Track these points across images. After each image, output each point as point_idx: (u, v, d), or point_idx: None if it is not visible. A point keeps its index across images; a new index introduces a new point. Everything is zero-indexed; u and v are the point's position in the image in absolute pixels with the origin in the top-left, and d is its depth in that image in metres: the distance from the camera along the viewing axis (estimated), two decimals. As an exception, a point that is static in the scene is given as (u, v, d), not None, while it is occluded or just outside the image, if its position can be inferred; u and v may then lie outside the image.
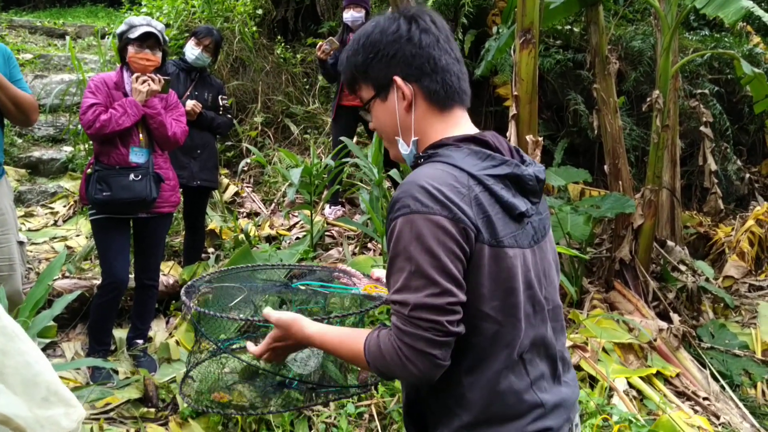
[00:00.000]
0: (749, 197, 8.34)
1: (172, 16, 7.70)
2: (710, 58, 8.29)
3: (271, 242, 5.50)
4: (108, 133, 3.70)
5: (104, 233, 3.86)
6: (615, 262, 5.30)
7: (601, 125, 5.56)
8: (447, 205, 1.36)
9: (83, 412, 1.66)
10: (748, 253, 6.42)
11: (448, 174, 1.41)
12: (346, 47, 1.64)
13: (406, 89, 1.52)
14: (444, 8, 7.79)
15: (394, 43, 1.52)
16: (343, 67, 1.63)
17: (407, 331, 1.35)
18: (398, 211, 1.39)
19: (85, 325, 4.22)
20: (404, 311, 1.36)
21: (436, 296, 1.34)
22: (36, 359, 1.61)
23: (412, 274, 1.35)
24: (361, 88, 1.61)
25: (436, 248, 1.34)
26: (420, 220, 1.35)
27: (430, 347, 1.35)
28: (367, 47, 1.55)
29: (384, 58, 1.53)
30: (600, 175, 7.25)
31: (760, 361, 4.88)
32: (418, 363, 1.35)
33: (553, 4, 5.39)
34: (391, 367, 1.39)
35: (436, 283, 1.34)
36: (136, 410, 3.53)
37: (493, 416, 1.47)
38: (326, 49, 5.69)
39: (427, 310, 1.34)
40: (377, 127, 1.64)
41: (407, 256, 1.36)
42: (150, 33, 3.80)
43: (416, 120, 1.55)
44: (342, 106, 5.97)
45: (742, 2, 4.50)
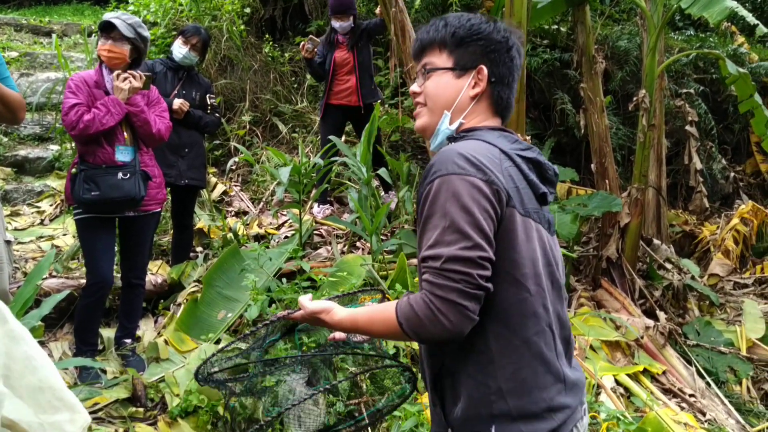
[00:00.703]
0: (734, 196, 8.43)
1: (160, 15, 7.66)
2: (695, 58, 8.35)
3: (260, 241, 5.49)
4: (92, 134, 3.66)
5: (89, 233, 3.83)
6: (602, 260, 5.33)
7: (588, 124, 5.59)
8: (482, 169, 1.47)
9: (88, 418, 1.65)
10: (732, 251, 6.49)
11: (483, 146, 1.55)
12: (447, 16, 1.72)
13: (485, 83, 1.66)
14: (432, 7, 7.81)
15: (499, 43, 1.66)
16: (431, 29, 1.71)
17: (439, 284, 1.41)
18: (435, 174, 1.48)
19: (73, 326, 4.19)
20: (437, 264, 1.42)
21: (469, 249, 1.41)
22: (42, 363, 1.61)
23: (446, 229, 1.43)
24: (439, 55, 1.69)
25: (470, 205, 1.43)
26: (456, 180, 1.45)
27: (462, 298, 1.40)
28: (474, 28, 1.66)
29: (483, 45, 1.65)
30: (587, 174, 7.30)
31: (745, 358, 4.93)
32: (450, 315, 1.40)
33: (541, 4, 5.42)
34: (424, 323, 1.42)
35: (469, 237, 1.42)
36: (125, 410, 3.53)
37: (520, 385, 1.51)
38: (309, 48, 5.70)
39: (460, 262, 1.41)
40: (431, 93, 1.70)
41: (443, 212, 1.44)
42: (110, 23, 3.71)
43: (472, 110, 1.67)
44: (330, 104, 5.97)
45: (727, 2, 4.54)
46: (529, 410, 1.51)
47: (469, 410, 1.54)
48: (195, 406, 3.45)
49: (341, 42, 5.85)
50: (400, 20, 5.11)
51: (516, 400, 1.50)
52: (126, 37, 3.76)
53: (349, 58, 5.85)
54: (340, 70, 5.88)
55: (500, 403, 1.51)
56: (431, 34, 1.70)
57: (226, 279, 4.54)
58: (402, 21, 5.12)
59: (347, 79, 5.89)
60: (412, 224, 5.56)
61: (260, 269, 4.44)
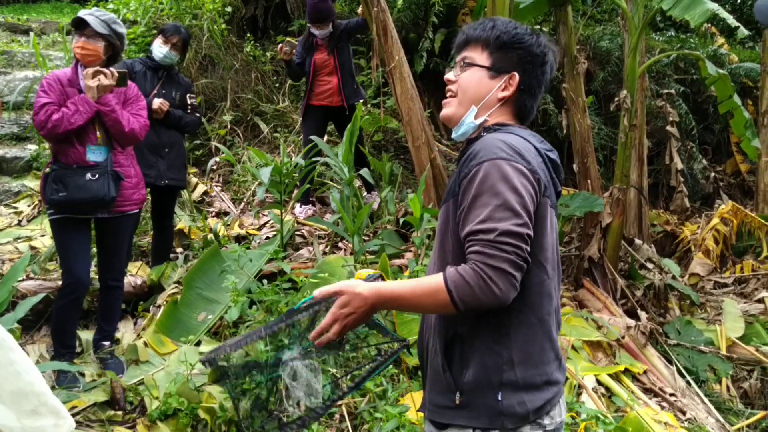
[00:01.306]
0: (714, 196, 8.50)
1: (140, 13, 7.58)
2: (676, 59, 8.42)
3: (241, 242, 5.45)
4: (61, 133, 3.60)
5: (63, 233, 3.78)
6: (584, 260, 5.35)
7: (570, 124, 5.61)
8: (526, 158, 1.63)
9: (73, 424, 1.62)
10: (713, 250, 6.53)
11: (520, 140, 1.69)
12: (498, 19, 1.83)
13: (514, 89, 1.79)
14: (414, 7, 7.81)
15: (536, 56, 1.80)
16: (479, 27, 1.82)
17: (492, 254, 1.53)
18: (483, 157, 1.61)
19: (50, 328, 4.14)
20: (490, 236, 1.54)
21: (520, 226, 1.55)
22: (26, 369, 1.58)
23: (497, 207, 1.56)
24: (480, 53, 1.81)
25: (520, 187, 1.58)
26: (505, 165, 1.59)
27: (513, 268, 1.54)
28: (517, 37, 1.79)
29: (521, 55, 1.79)
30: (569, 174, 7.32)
31: (724, 357, 4.97)
32: (500, 283, 1.52)
33: (523, 4, 5.43)
34: (474, 291, 1.52)
35: (520, 215, 1.56)
36: (103, 413, 3.48)
37: (528, 357, 1.67)
38: (287, 51, 5.68)
39: (512, 236, 1.54)
40: (465, 86, 1.82)
41: (494, 192, 1.57)
42: (82, 20, 3.67)
43: (496, 110, 1.81)
44: (311, 105, 5.94)
45: (708, 4, 4.57)
46: (533, 382, 1.66)
47: (480, 376, 1.66)
48: (175, 408, 3.41)
49: (320, 44, 5.82)
50: (382, 20, 5.09)
51: (524, 371, 1.65)
52: (99, 33, 3.71)
53: (330, 60, 5.83)
54: (321, 71, 5.86)
55: (510, 373, 1.65)
56: (478, 32, 1.82)
57: (207, 280, 4.50)
58: (384, 21, 5.10)
59: (328, 80, 5.86)
60: (395, 224, 5.54)
61: (241, 270, 4.40)
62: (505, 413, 1.63)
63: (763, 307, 5.68)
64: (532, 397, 1.65)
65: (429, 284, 1.59)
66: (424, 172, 5.12)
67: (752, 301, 5.85)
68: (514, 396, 1.64)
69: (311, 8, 5.68)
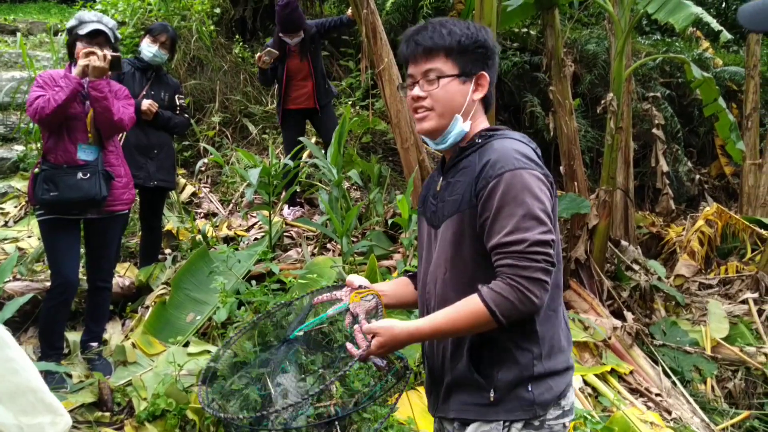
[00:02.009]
0: (699, 198, 8.57)
1: (128, 14, 7.56)
2: (662, 62, 8.49)
3: (229, 243, 5.45)
4: (49, 114, 3.55)
5: (52, 234, 3.77)
6: (571, 261, 5.38)
7: (557, 127, 5.65)
8: (539, 164, 1.72)
9: (69, 421, 1.63)
10: (698, 252, 6.59)
11: (526, 145, 1.78)
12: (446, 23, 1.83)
13: (486, 87, 1.85)
14: (402, 9, 7.83)
15: (494, 55, 1.87)
16: (436, 36, 1.81)
17: (525, 266, 1.60)
18: (502, 168, 1.67)
19: (38, 329, 4.12)
20: (520, 247, 1.61)
21: (546, 233, 1.63)
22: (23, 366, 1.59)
23: (523, 217, 1.62)
24: (445, 62, 1.81)
25: (540, 195, 1.66)
26: (525, 174, 1.66)
27: (545, 275, 1.62)
28: (476, 37, 1.81)
29: (483, 54, 1.83)
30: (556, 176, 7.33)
31: (709, 357, 5.02)
32: (537, 291, 1.61)
33: (511, 7, 5.46)
34: (516, 305, 1.60)
35: (544, 223, 1.64)
36: (91, 414, 3.48)
37: (552, 348, 1.76)
38: (267, 60, 5.63)
39: (541, 244, 1.62)
40: (440, 99, 1.81)
41: (519, 202, 1.63)
42: (99, 30, 3.71)
43: (475, 109, 1.85)
44: (288, 109, 5.95)
45: (692, 8, 4.62)
46: (556, 369, 1.77)
47: (513, 374, 1.72)
48: (163, 409, 3.41)
49: (293, 51, 5.81)
50: (371, 22, 5.11)
51: (550, 362, 1.75)
52: (110, 42, 3.77)
53: (304, 65, 5.82)
54: (295, 76, 5.85)
55: (539, 366, 1.73)
56: (436, 41, 1.80)
57: (195, 281, 4.49)
58: (373, 23, 5.12)
59: (303, 84, 5.87)
60: (383, 226, 5.56)
61: (229, 271, 4.40)
62: (537, 402, 1.72)
63: (747, 308, 5.74)
64: (556, 382, 1.75)
65: (467, 310, 1.65)
66: (412, 173, 5.14)
67: (736, 302, 5.91)
68: (543, 385, 1.73)
69: (282, 19, 5.62)
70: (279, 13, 5.65)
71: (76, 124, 3.70)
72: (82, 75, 3.63)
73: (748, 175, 7.82)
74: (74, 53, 3.77)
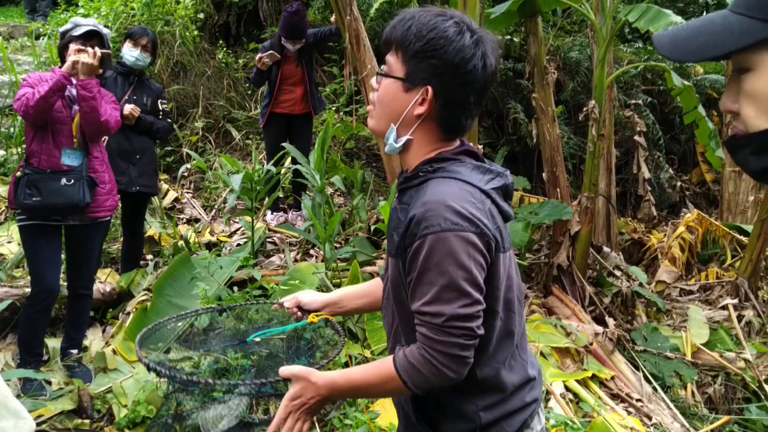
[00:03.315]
0: (680, 204, 8.65)
1: (111, 19, 7.53)
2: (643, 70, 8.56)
3: (212, 249, 5.43)
4: (33, 106, 3.51)
5: (33, 240, 3.73)
6: (553, 267, 5.41)
7: (540, 134, 5.68)
8: (473, 222, 1.47)
9: (33, 425, 1.61)
10: (679, 258, 6.65)
11: (466, 191, 1.51)
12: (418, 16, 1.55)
13: (429, 105, 1.55)
14: (387, 16, 7.84)
15: (454, 66, 1.52)
16: (399, 24, 1.57)
17: (441, 340, 1.47)
18: (427, 228, 1.46)
19: (16, 335, 4.08)
20: (438, 321, 1.46)
21: (468, 306, 1.47)
22: None
23: (444, 287, 1.46)
24: (396, 59, 1.58)
25: (467, 262, 1.46)
26: (451, 237, 1.45)
27: (463, 350, 1.47)
28: (432, 44, 1.51)
29: (435, 65, 1.52)
30: (538, 183, 7.41)
31: (689, 363, 5.05)
32: (453, 366, 1.47)
33: (494, 15, 5.49)
34: (427, 377, 1.49)
35: (468, 295, 1.46)
36: (70, 422, 3.45)
37: (501, 396, 1.63)
38: (266, 62, 5.66)
39: (461, 319, 1.46)
40: (381, 99, 1.63)
41: (440, 270, 1.45)
42: (95, 32, 3.73)
43: (419, 127, 1.59)
44: (274, 113, 5.97)
45: (672, 17, 4.67)
46: (509, 411, 1.64)
47: (459, 423, 1.62)
48: (143, 416, 3.39)
49: (289, 56, 5.84)
50: (355, 29, 5.13)
51: (500, 409, 1.62)
52: (103, 47, 3.78)
53: (298, 71, 5.88)
54: (287, 81, 5.91)
55: (486, 415, 1.61)
56: (395, 32, 1.57)
57: (177, 287, 4.47)
58: (357, 29, 5.13)
59: (293, 89, 5.93)
60: (366, 232, 5.56)
61: (211, 278, 4.38)
62: None
63: (727, 314, 5.79)
64: (510, 422, 1.64)
65: (382, 373, 1.55)
66: (396, 179, 5.14)
67: (716, 308, 5.96)
68: (494, 429, 1.62)
69: (289, 25, 5.65)
70: (287, 19, 5.68)
71: (61, 128, 3.68)
72: (70, 71, 3.60)
73: (728, 182, 7.91)
74: (65, 56, 3.74)
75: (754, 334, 5.71)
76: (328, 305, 2.01)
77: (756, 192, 7.74)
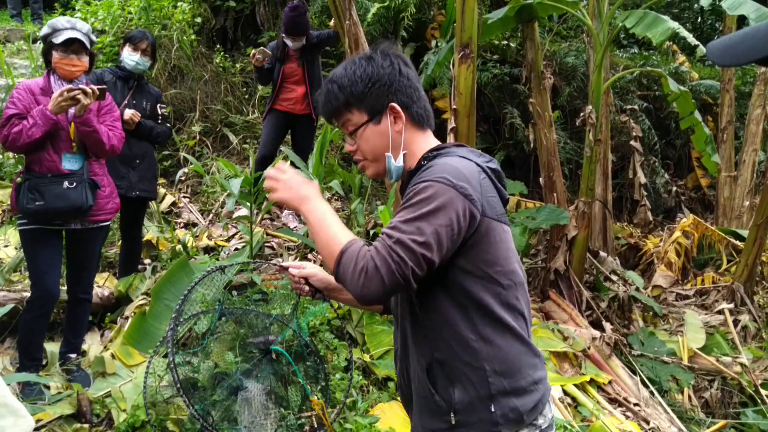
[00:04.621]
0: (676, 209, 8.69)
1: (108, 23, 7.52)
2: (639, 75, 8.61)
3: (209, 253, 5.42)
4: (21, 146, 3.55)
5: (34, 244, 3.72)
6: (550, 272, 5.43)
7: (537, 138, 5.70)
8: (464, 185, 1.62)
9: (32, 423, 1.62)
10: (675, 263, 6.68)
11: (464, 162, 1.71)
12: (334, 79, 1.82)
13: (402, 114, 1.78)
14: (384, 20, 7.88)
15: (390, 75, 1.79)
16: (331, 98, 1.82)
17: (381, 255, 1.56)
18: (426, 176, 1.64)
19: (15, 340, 4.07)
20: (388, 241, 1.58)
21: (418, 245, 1.56)
22: None
23: (409, 220, 1.59)
24: (352, 114, 1.81)
25: (442, 212, 1.58)
26: (440, 188, 1.60)
27: (389, 276, 1.55)
28: (365, 78, 1.78)
29: (382, 87, 1.78)
30: (535, 188, 7.43)
31: (686, 367, 5.07)
32: (371, 283, 1.56)
33: (491, 20, 5.52)
34: (349, 270, 1.59)
35: (423, 234, 1.57)
36: (69, 426, 3.43)
37: (509, 365, 1.70)
38: (260, 59, 5.73)
39: (404, 248, 1.56)
40: (365, 148, 1.82)
41: (416, 207, 1.60)
42: (75, 39, 3.66)
43: (405, 138, 1.81)
44: (274, 109, 6.01)
45: (669, 23, 4.70)
46: (519, 386, 1.70)
47: (469, 393, 1.68)
48: (143, 421, 3.38)
49: (291, 55, 5.88)
50: (354, 33, 5.14)
51: (509, 380, 1.69)
52: (86, 48, 3.74)
53: (299, 71, 5.91)
54: (288, 79, 5.95)
55: (497, 383, 1.68)
56: (333, 104, 1.82)
57: (176, 292, 4.46)
58: (356, 34, 5.15)
59: (294, 88, 5.96)
60: (364, 236, 5.57)
61: (210, 282, 4.38)
62: (500, 422, 1.67)
63: (723, 319, 5.82)
64: (522, 401, 1.69)
65: (337, 234, 1.67)
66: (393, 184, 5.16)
67: (713, 313, 5.99)
68: (506, 404, 1.67)
69: (289, 21, 5.72)
70: (287, 15, 5.74)
71: (59, 134, 3.66)
72: (57, 112, 3.57)
73: (723, 187, 7.95)
74: (50, 61, 3.73)
75: (750, 339, 5.75)
76: (331, 289, 2.13)
77: (751, 197, 7.79)
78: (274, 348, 2.28)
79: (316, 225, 1.72)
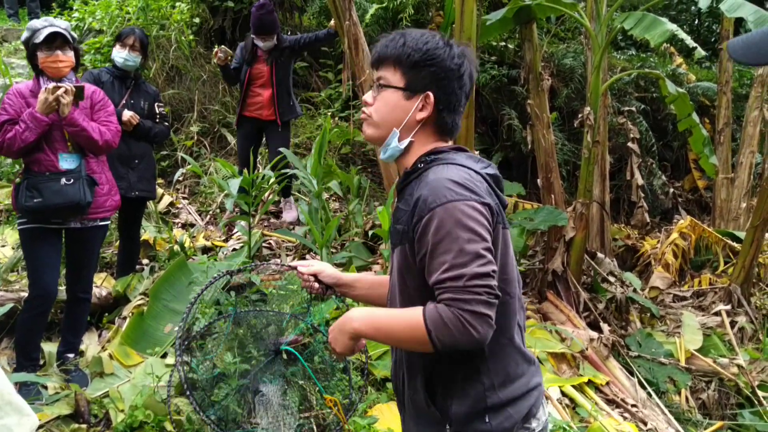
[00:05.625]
0: (673, 211, 8.71)
1: (106, 23, 7.51)
2: (637, 77, 8.63)
3: (207, 253, 5.42)
4: (17, 150, 3.57)
5: (33, 243, 3.71)
6: (548, 273, 5.43)
7: (535, 140, 5.71)
8: (475, 192, 1.59)
9: (36, 421, 1.62)
10: (672, 264, 6.69)
11: (464, 171, 1.65)
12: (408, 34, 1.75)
13: (431, 109, 1.73)
14: (382, 21, 7.88)
15: (451, 71, 1.72)
16: (391, 45, 1.75)
17: (466, 299, 1.51)
18: (433, 203, 1.58)
19: (12, 340, 4.06)
20: (459, 284, 1.52)
21: (484, 265, 1.53)
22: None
23: (459, 253, 1.53)
24: (394, 72, 1.74)
25: (476, 227, 1.55)
26: (458, 206, 1.56)
27: (488, 308, 1.52)
28: (429, 55, 1.70)
29: (435, 74, 1.71)
30: (533, 189, 7.44)
31: (683, 368, 5.08)
32: (478, 325, 1.50)
33: (490, 21, 5.52)
34: (453, 333, 1.51)
35: (482, 256, 1.54)
36: (67, 427, 3.43)
37: (507, 377, 1.69)
38: (221, 57, 5.65)
39: (480, 277, 1.52)
40: (380, 108, 1.77)
41: (452, 238, 1.54)
42: (56, 33, 3.63)
43: (419, 130, 1.76)
44: (244, 116, 5.97)
45: (667, 25, 4.71)
46: (515, 396, 1.69)
47: (466, 406, 1.67)
48: (141, 421, 3.38)
49: (260, 56, 5.83)
50: (353, 33, 5.15)
51: (505, 391, 1.68)
52: (69, 43, 3.72)
53: (265, 73, 5.83)
54: (255, 81, 5.87)
55: (493, 397, 1.66)
56: (390, 50, 1.75)
57: (173, 292, 4.46)
58: (355, 34, 5.15)
59: (260, 92, 5.86)
60: (363, 237, 5.57)
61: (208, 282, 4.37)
62: (494, 431, 1.66)
63: (720, 320, 5.83)
64: (517, 408, 1.69)
65: (408, 320, 1.59)
66: (392, 185, 5.16)
67: (710, 314, 6.00)
68: (501, 414, 1.66)
69: (255, 20, 5.65)
70: (253, 14, 5.68)
71: (54, 135, 3.66)
72: (47, 112, 3.57)
73: (720, 188, 7.97)
74: (37, 64, 3.72)
75: (746, 340, 5.76)
76: (341, 285, 2.10)
77: (748, 199, 7.81)
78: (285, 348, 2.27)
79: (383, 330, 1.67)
